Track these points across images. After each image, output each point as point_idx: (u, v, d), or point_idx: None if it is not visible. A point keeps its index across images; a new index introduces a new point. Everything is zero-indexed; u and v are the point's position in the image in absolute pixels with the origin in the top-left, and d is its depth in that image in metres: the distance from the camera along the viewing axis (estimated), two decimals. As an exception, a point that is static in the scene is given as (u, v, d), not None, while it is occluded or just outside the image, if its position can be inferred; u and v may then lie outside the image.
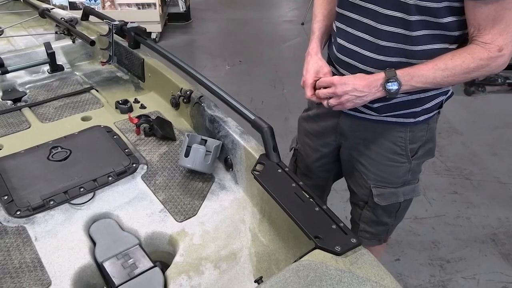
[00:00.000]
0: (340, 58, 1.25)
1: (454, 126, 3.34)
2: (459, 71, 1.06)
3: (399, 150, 1.29)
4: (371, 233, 1.47)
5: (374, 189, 1.36)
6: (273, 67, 4.25)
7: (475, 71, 1.06)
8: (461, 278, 2.11)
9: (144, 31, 1.78)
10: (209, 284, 1.03)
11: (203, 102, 1.46)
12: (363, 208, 1.43)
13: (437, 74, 1.07)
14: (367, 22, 1.15)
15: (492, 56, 1.04)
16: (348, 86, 1.10)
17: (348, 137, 1.36)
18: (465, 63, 1.05)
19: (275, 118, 3.24)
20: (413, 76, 1.08)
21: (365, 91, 1.10)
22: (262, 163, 1.17)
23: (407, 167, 1.32)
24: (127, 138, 1.48)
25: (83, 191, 1.24)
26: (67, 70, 1.97)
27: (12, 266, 1.03)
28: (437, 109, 1.29)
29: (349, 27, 1.20)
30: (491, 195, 2.65)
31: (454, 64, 1.06)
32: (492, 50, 1.03)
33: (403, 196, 1.37)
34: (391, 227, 1.48)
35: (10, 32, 2.29)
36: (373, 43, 1.15)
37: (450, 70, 1.06)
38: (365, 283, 0.85)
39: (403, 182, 1.35)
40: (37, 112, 1.63)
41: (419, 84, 1.09)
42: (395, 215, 1.43)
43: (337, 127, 1.36)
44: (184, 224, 1.18)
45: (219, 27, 5.45)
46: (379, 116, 1.26)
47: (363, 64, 1.19)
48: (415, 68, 1.09)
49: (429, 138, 1.31)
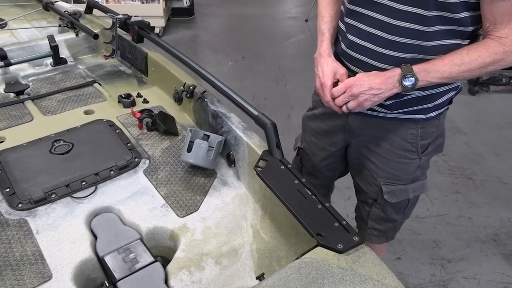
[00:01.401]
0: (351, 55, 1.24)
1: (457, 125, 3.33)
2: (475, 66, 1.07)
3: (410, 147, 1.29)
4: (379, 231, 1.47)
5: (384, 186, 1.35)
6: (276, 64, 4.24)
7: (490, 65, 1.07)
8: (462, 278, 2.11)
9: (148, 25, 1.77)
10: (210, 280, 1.03)
11: (206, 98, 1.46)
12: (372, 205, 1.43)
13: (453, 69, 1.08)
14: (381, 18, 1.14)
15: (507, 50, 1.04)
16: (364, 86, 1.11)
17: (357, 136, 1.35)
18: (481, 58, 1.06)
19: (278, 115, 3.24)
20: (430, 71, 1.09)
21: (382, 88, 1.10)
22: (265, 159, 1.17)
23: (417, 163, 1.33)
24: (130, 132, 1.48)
25: (85, 184, 1.23)
26: (70, 63, 1.97)
27: (13, 259, 1.03)
28: (447, 104, 1.30)
29: (361, 24, 1.19)
30: (493, 195, 2.65)
31: (470, 59, 1.07)
32: (508, 44, 1.04)
33: (412, 192, 1.37)
34: (399, 224, 1.49)
35: (14, 25, 2.29)
36: (386, 39, 1.15)
37: (466, 65, 1.07)
38: (367, 282, 0.84)
39: (412, 178, 1.36)
40: (40, 105, 1.63)
41: (435, 79, 1.10)
42: (404, 212, 1.43)
43: (346, 125, 1.35)
44: (186, 219, 1.18)
45: (223, 23, 5.43)
46: (391, 113, 1.25)
47: (376, 61, 1.18)
48: (431, 63, 1.09)
49: (439, 134, 1.32)
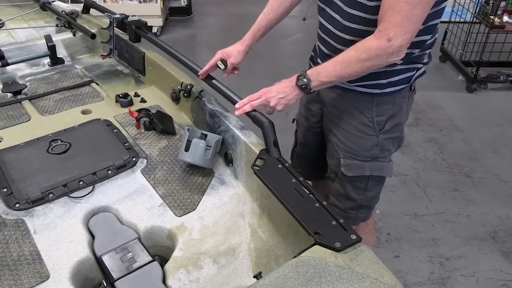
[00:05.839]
0: (320, 35, 1.35)
1: (455, 123, 3.33)
2: (354, 62, 1.12)
3: (367, 122, 1.33)
4: (340, 209, 1.49)
5: (342, 159, 1.39)
6: (274, 62, 4.23)
7: (367, 60, 1.11)
8: (461, 276, 2.11)
9: (145, 24, 1.77)
10: (208, 279, 1.03)
11: (203, 97, 1.46)
12: (334, 180, 1.47)
13: (337, 68, 1.15)
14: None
15: (380, 45, 1.07)
16: (272, 92, 1.24)
17: (326, 105, 1.42)
18: (357, 53, 1.11)
19: (276, 113, 3.23)
20: (320, 72, 1.18)
21: (285, 91, 1.23)
22: (263, 158, 1.17)
23: (375, 140, 1.36)
24: (127, 131, 1.48)
25: (83, 184, 1.23)
26: (68, 63, 1.97)
27: (10, 259, 1.03)
28: (404, 84, 1.31)
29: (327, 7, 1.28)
30: (491, 193, 2.65)
31: (348, 55, 1.13)
32: (382, 38, 1.07)
33: (370, 170, 1.39)
34: (361, 207, 1.49)
35: (11, 25, 2.28)
36: (340, 23, 1.22)
37: (346, 62, 1.13)
38: (364, 280, 0.85)
39: (371, 156, 1.38)
40: (37, 105, 1.62)
41: (325, 78, 1.17)
42: (364, 192, 1.45)
43: (320, 95, 1.43)
44: (184, 218, 1.18)
45: (221, 22, 5.42)
46: (349, 85, 1.31)
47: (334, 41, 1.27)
48: (321, 66, 1.19)
49: (395, 113, 1.34)
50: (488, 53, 3.69)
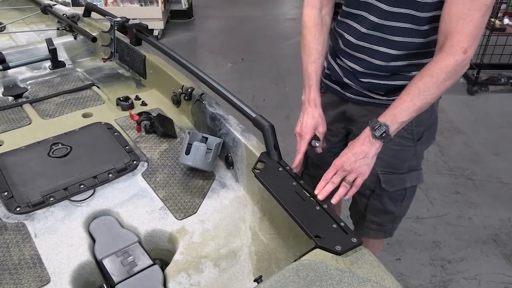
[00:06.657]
0: (347, 51, 1.29)
1: (456, 125, 3.32)
2: (432, 87, 1.05)
3: (406, 134, 1.31)
4: (377, 224, 1.48)
5: (382, 175, 1.37)
6: (275, 65, 4.24)
7: (447, 80, 1.05)
8: (462, 279, 2.11)
9: (146, 27, 1.77)
10: (209, 282, 1.02)
11: (204, 100, 1.46)
12: (369, 197, 1.44)
13: (415, 101, 1.06)
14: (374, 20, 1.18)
15: (458, 59, 1.03)
16: (348, 158, 1.09)
17: (357, 123, 1.38)
18: (434, 77, 1.05)
19: (277, 116, 3.24)
20: (396, 114, 1.08)
21: (363, 149, 1.09)
22: (263, 161, 1.17)
23: (413, 151, 1.34)
24: (128, 135, 1.48)
25: (83, 188, 1.23)
26: (69, 66, 1.97)
27: (11, 263, 1.03)
28: None
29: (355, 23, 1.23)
30: (493, 196, 2.64)
31: (424, 83, 1.05)
32: (457, 52, 1.03)
33: (410, 182, 1.39)
34: (396, 218, 1.49)
35: (12, 28, 2.29)
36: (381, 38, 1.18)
37: (423, 91, 1.06)
38: (365, 283, 0.84)
39: (408, 167, 1.37)
40: (38, 108, 1.63)
41: (405, 118, 1.08)
42: (401, 204, 1.44)
43: (346, 113, 1.39)
44: (184, 222, 1.17)
45: (221, 25, 5.44)
46: (387, 99, 1.27)
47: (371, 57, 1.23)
48: (393, 107, 1.09)
49: (433, 121, 1.34)
50: (489, 56, 3.69)
